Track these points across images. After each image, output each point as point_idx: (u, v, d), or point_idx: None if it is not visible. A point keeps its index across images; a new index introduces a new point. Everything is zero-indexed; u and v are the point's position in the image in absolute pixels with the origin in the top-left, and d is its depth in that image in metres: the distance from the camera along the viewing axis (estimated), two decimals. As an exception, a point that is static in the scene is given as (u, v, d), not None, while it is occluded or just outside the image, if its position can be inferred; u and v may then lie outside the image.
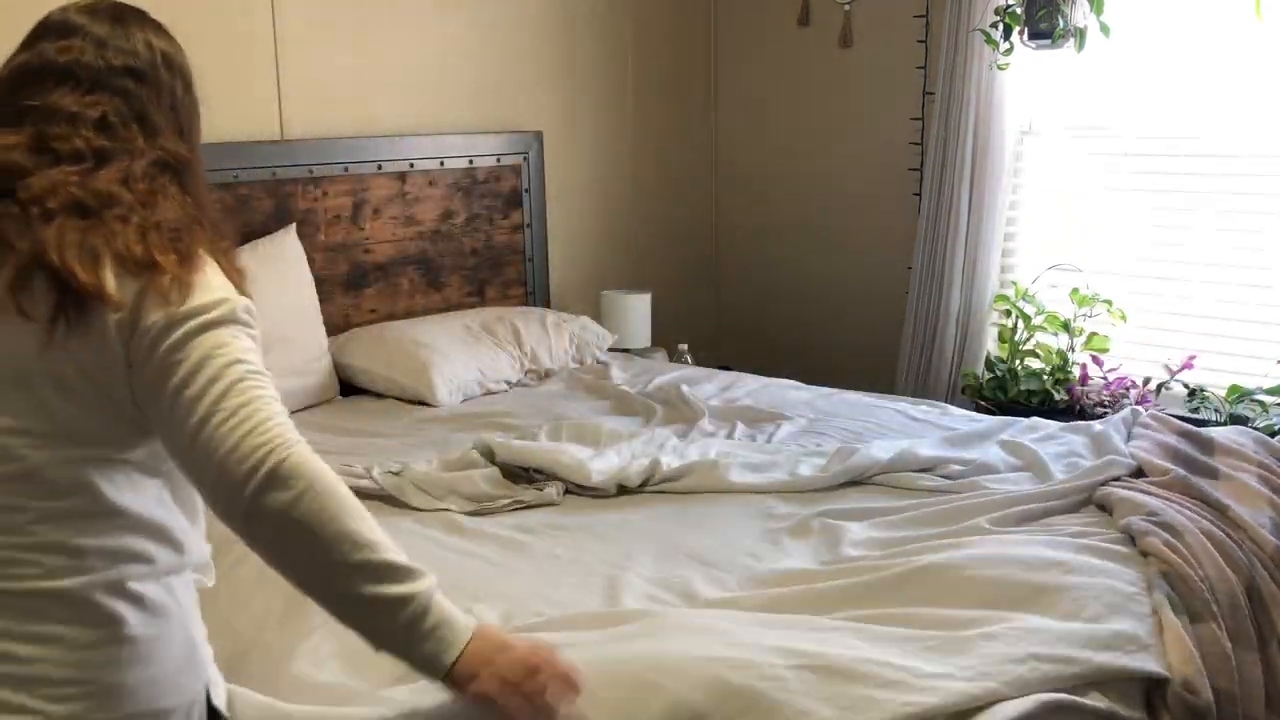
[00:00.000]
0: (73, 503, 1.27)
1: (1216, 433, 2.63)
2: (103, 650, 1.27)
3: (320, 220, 3.47)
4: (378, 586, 1.24)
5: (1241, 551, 2.11)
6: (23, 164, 1.28)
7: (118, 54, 1.37)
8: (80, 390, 1.26)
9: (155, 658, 1.30)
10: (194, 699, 1.36)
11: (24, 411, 1.26)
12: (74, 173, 1.28)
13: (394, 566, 1.25)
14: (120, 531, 1.29)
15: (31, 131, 1.30)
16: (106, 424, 1.28)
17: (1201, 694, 1.73)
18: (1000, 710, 1.58)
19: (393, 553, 1.26)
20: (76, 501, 1.27)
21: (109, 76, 1.36)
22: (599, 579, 2.06)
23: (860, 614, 1.90)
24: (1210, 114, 3.48)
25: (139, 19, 1.42)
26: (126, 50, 1.38)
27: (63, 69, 1.34)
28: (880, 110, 4.24)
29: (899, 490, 2.49)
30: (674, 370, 3.64)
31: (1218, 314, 3.55)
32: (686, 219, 4.72)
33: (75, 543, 1.26)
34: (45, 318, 1.23)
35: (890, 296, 4.25)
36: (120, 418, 1.28)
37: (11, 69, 1.37)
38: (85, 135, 1.31)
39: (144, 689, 1.29)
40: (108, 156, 1.31)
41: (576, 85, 4.22)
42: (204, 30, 3.20)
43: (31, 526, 1.26)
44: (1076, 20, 3.45)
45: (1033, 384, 3.70)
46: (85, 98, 1.33)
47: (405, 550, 1.42)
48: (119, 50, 1.38)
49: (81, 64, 1.35)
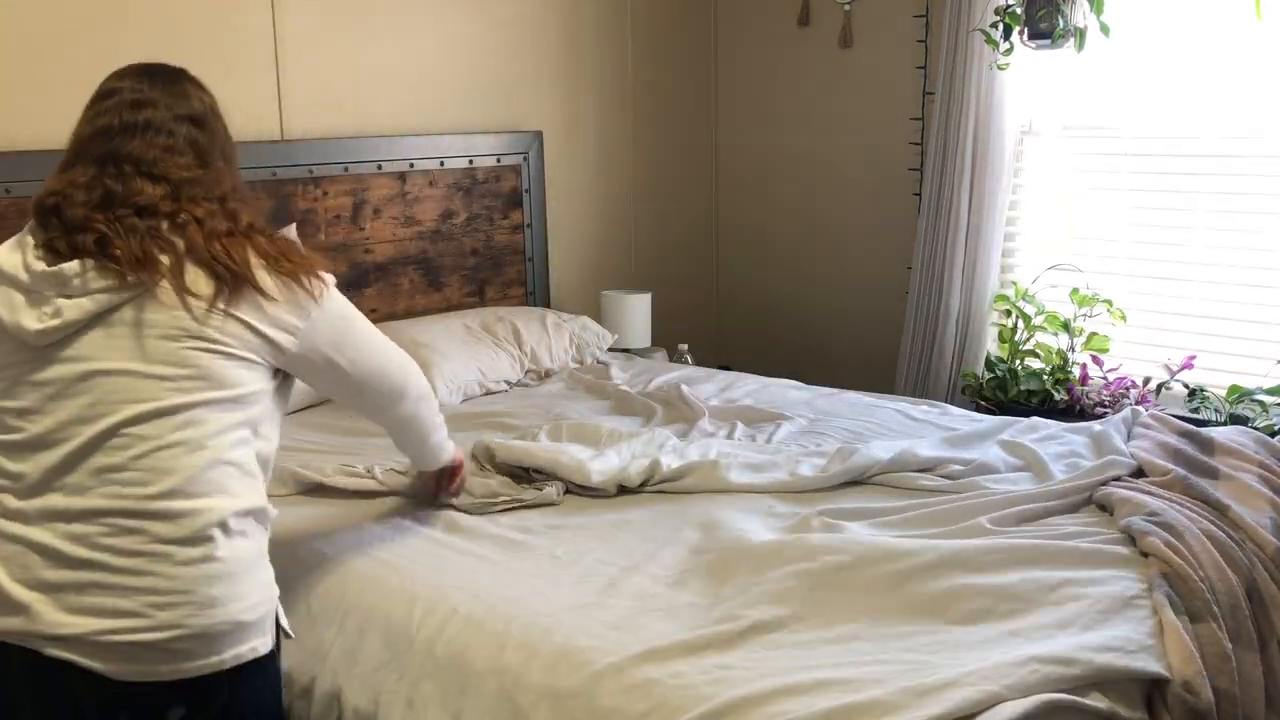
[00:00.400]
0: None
1: (1216, 433, 2.63)
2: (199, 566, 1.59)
3: (320, 220, 3.47)
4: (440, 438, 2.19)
5: (1242, 552, 2.11)
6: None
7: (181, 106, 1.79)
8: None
9: (239, 577, 1.62)
10: (268, 614, 1.68)
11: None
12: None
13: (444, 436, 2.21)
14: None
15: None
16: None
17: (1202, 694, 1.73)
18: (1001, 710, 1.58)
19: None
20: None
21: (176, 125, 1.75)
22: (599, 579, 2.06)
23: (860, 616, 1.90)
24: (1210, 114, 3.48)
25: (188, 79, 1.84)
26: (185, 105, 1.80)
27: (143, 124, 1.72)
28: (880, 110, 4.24)
29: (899, 490, 2.49)
30: (674, 370, 3.65)
31: (1217, 314, 3.55)
32: (686, 219, 4.72)
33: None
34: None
35: (890, 296, 4.25)
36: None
37: (96, 129, 1.72)
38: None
39: (231, 603, 1.61)
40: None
41: (576, 85, 4.22)
42: (204, 30, 3.21)
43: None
44: (1076, 20, 3.45)
45: (1033, 384, 3.71)
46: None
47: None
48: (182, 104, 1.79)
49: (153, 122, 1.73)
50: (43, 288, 1.61)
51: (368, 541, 2.25)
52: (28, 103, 2.93)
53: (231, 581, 1.61)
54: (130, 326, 1.61)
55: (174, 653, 1.56)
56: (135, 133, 1.69)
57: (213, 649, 1.59)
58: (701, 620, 1.88)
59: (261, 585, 1.67)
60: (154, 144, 1.69)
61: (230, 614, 1.60)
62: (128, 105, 1.72)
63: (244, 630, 1.62)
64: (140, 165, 1.67)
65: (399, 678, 1.92)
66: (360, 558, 2.18)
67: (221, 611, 1.59)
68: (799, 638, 1.82)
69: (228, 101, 3.26)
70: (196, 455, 1.60)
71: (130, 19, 3.07)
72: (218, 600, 1.59)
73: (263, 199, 3.32)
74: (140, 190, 1.65)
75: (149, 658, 1.56)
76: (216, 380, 1.63)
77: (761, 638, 1.82)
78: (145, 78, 1.76)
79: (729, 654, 1.77)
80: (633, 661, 1.75)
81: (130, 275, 1.60)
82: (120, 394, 1.59)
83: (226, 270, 1.64)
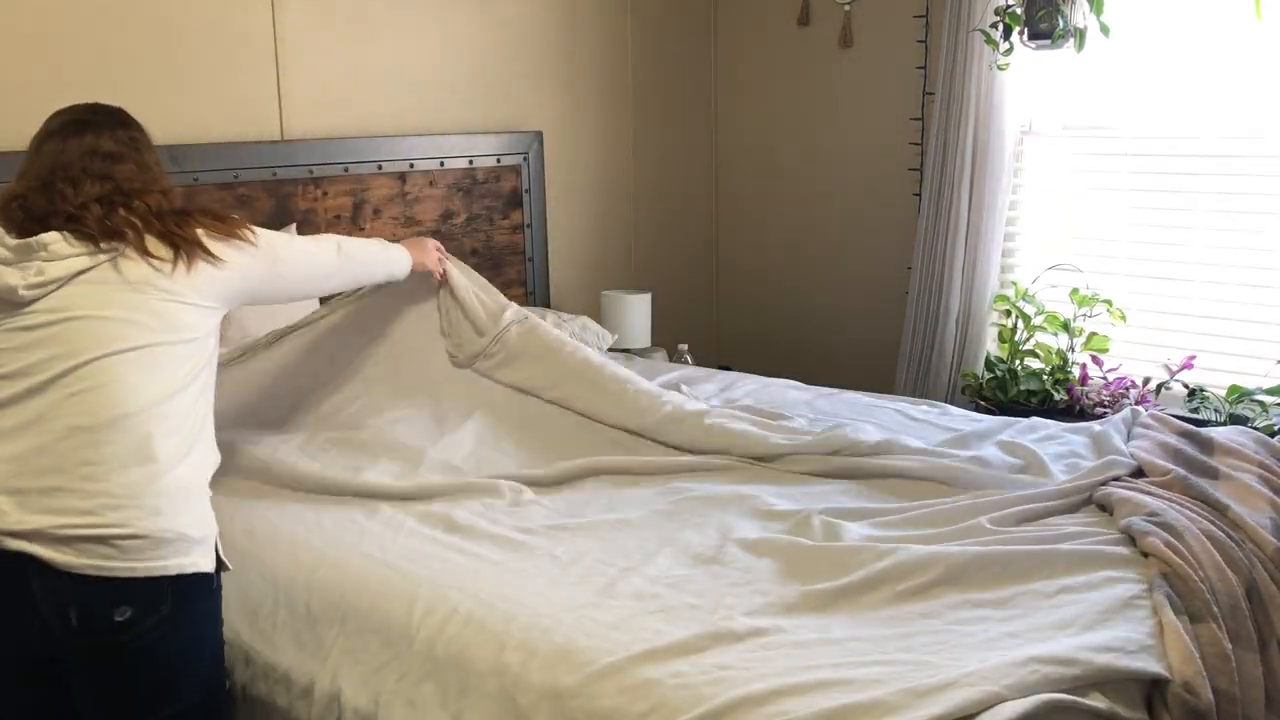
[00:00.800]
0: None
1: (1216, 433, 2.63)
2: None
3: (320, 220, 3.47)
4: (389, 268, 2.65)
5: (1242, 552, 2.11)
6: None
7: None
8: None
9: (183, 496, 1.88)
10: (209, 535, 1.92)
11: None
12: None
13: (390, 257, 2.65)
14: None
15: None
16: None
17: (1201, 694, 1.73)
18: (1001, 710, 1.58)
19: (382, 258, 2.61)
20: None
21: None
22: (599, 579, 2.06)
23: (859, 617, 1.90)
24: (1210, 114, 3.48)
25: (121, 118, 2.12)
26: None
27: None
28: (880, 110, 4.24)
29: (898, 489, 2.49)
30: (674, 370, 3.64)
31: (1217, 314, 3.55)
32: (686, 219, 4.72)
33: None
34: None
35: (890, 296, 4.25)
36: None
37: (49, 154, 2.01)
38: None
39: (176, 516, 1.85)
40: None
41: (576, 85, 4.23)
42: (204, 30, 3.21)
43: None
44: (1076, 20, 3.45)
45: (1033, 384, 3.71)
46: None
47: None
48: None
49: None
50: (24, 255, 1.88)
51: (368, 541, 2.25)
52: (27, 103, 2.92)
53: (176, 498, 1.86)
54: (103, 284, 1.90)
55: (123, 550, 1.79)
56: (80, 146, 1.99)
57: (158, 552, 1.81)
58: (701, 620, 1.88)
59: (204, 512, 1.92)
60: (98, 152, 1.99)
61: (175, 525, 1.83)
62: (72, 127, 2.03)
63: (187, 543, 1.85)
64: (87, 171, 1.97)
65: (399, 678, 1.93)
66: (360, 558, 2.18)
67: (166, 520, 1.83)
68: (799, 638, 1.82)
69: (228, 101, 3.30)
70: (157, 386, 1.88)
71: (130, 19, 3.07)
72: (163, 510, 1.83)
73: (263, 199, 3.32)
74: (89, 190, 1.95)
75: (100, 552, 1.78)
76: (174, 325, 1.93)
77: (761, 638, 1.82)
78: (86, 110, 2.08)
79: (729, 654, 1.77)
80: (633, 661, 1.75)
81: (103, 242, 1.90)
82: (94, 335, 1.87)
83: (180, 239, 1.96)
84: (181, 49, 3.17)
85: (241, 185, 3.28)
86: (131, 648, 1.82)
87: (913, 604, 1.94)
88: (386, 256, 2.63)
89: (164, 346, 1.91)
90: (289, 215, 3.38)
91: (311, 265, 2.32)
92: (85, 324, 1.87)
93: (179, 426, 1.91)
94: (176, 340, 1.93)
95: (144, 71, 3.12)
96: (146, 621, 1.81)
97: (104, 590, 1.78)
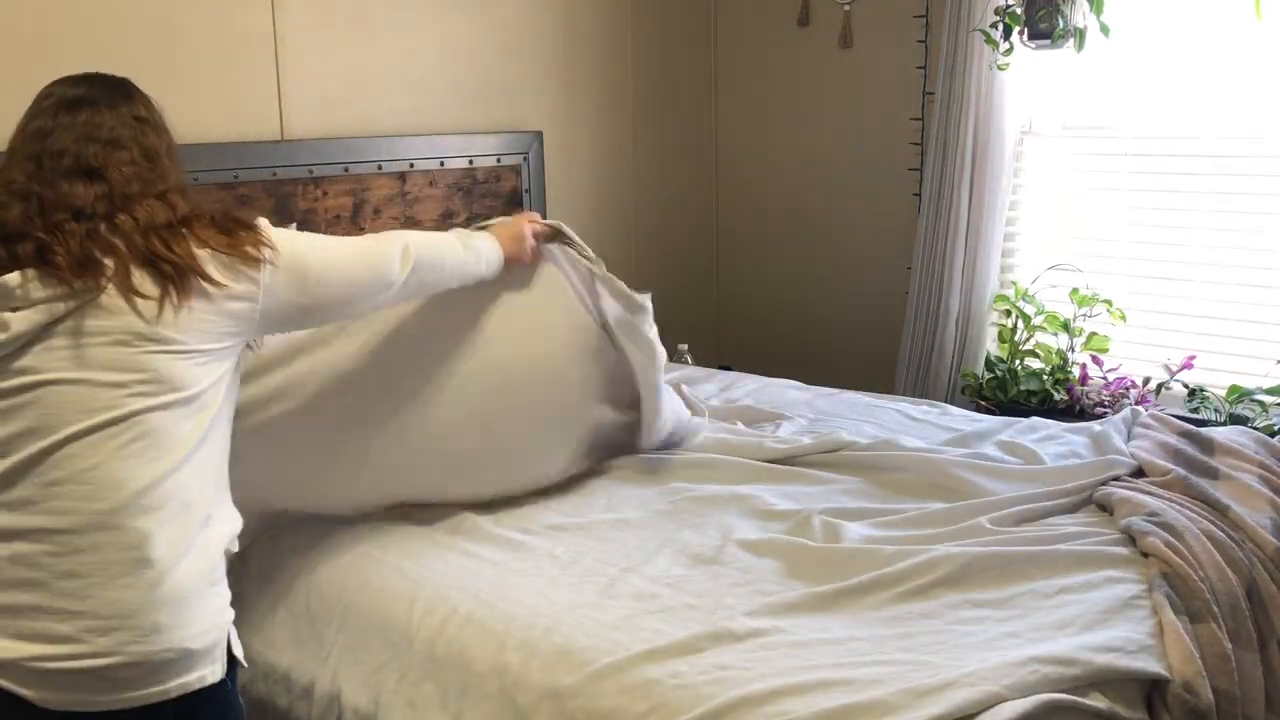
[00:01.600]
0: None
1: (1216, 433, 2.63)
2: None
3: (320, 220, 3.47)
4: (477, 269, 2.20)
5: (1242, 552, 2.11)
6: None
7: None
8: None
9: (188, 601, 1.57)
10: (218, 641, 1.61)
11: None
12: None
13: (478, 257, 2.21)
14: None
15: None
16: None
17: (1201, 694, 1.73)
18: (1001, 710, 1.58)
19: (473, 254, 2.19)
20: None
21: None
22: (599, 579, 2.06)
23: (859, 617, 1.90)
24: (1210, 114, 3.48)
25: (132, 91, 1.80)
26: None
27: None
28: (880, 110, 4.24)
29: (898, 486, 2.49)
30: (674, 370, 3.64)
31: (1217, 314, 3.55)
32: (686, 219, 4.72)
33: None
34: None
35: (890, 296, 4.25)
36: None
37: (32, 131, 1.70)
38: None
39: (177, 629, 1.55)
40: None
41: (576, 85, 4.22)
42: (204, 30, 3.21)
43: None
44: (1076, 20, 3.45)
45: (1033, 384, 3.70)
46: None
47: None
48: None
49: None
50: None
51: (368, 541, 2.25)
52: (28, 103, 2.92)
53: (179, 606, 1.55)
54: (79, 335, 1.56)
55: (113, 681, 1.51)
56: (72, 130, 1.67)
57: (155, 678, 1.53)
58: (701, 620, 1.88)
59: (213, 610, 1.61)
60: (95, 138, 1.67)
61: (175, 641, 1.54)
62: (65, 105, 1.70)
63: (191, 658, 1.56)
64: (79, 161, 1.64)
65: (399, 678, 1.93)
66: (360, 558, 2.18)
67: (165, 638, 1.53)
68: (799, 638, 1.82)
69: (228, 101, 3.29)
70: (152, 465, 1.55)
71: (130, 19, 3.07)
72: (162, 626, 1.53)
73: (263, 199, 3.32)
74: (73, 192, 1.61)
75: (85, 686, 1.50)
76: (170, 382, 1.58)
77: (761, 638, 1.82)
78: (84, 81, 1.76)
79: (729, 654, 1.77)
80: (633, 661, 1.75)
81: (76, 282, 1.55)
82: (72, 404, 1.54)
83: (170, 266, 1.59)
84: (181, 49, 3.17)
85: (241, 185, 3.28)
86: None
87: (913, 604, 1.94)
88: (470, 259, 2.16)
89: (159, 412, 1.57)
90: (289, 215, 3.38)
91: (354, 280, 1.85)
92: (59, 391, 1.54)
93: (181, 510, 1.58)
94: (174, 401, 1.59)
95: (144, 71, 3.08)
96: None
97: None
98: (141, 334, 1.57)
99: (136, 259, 1.59)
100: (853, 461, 2.60)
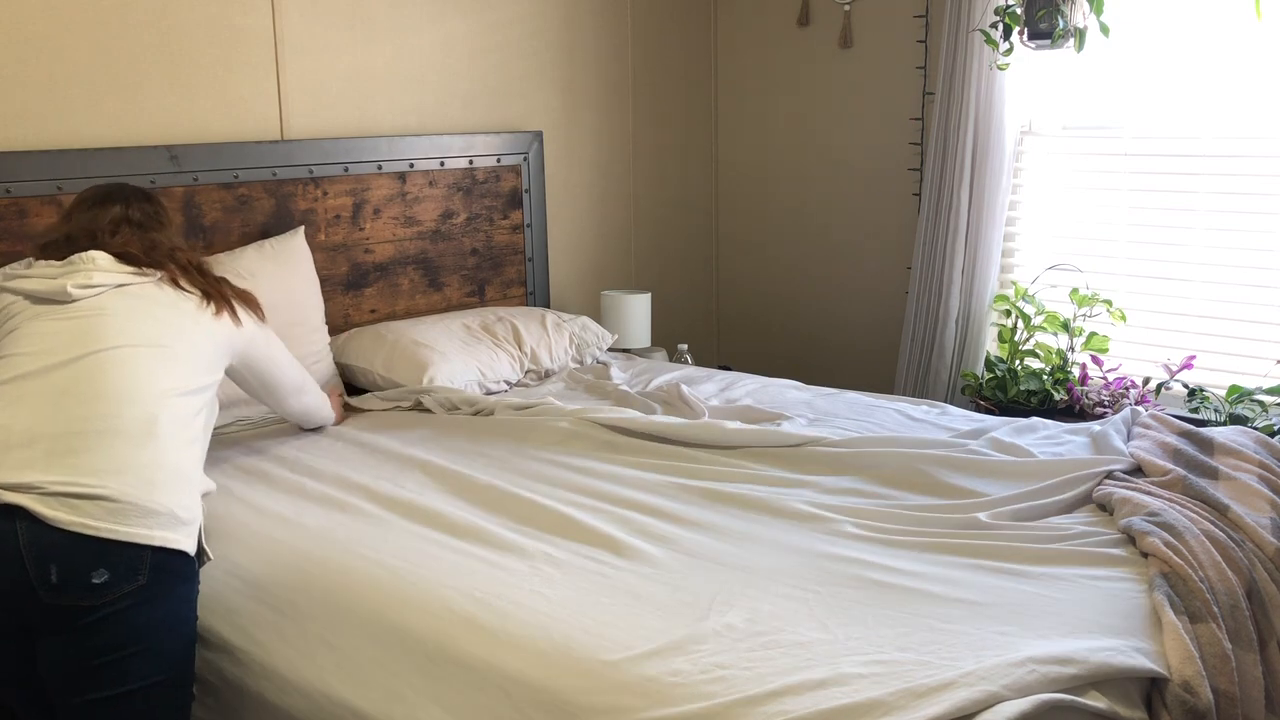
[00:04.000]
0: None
1: (1216, 433, 2.62)
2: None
3: (320, 220, 3.47)
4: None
5: (1242, 552, 2.11)
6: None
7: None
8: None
9: (181, 479, 2.03)
10: (196, 521, 2.04)
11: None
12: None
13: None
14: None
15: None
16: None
17: (1201, 694, 1.73)
18: (1000, 710, 1.58)
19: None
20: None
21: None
22: (597, 578, 2.06)
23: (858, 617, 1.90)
24: (1210, 114, 3.48)
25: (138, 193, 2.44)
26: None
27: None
28: (880, 110, 4.24)
29: (898, 483, 2.49)
30: (674, 370, 3.64)
31: (1217, 314, 3.55)
32: (686, 219, 4.72)
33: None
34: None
35: (890, 296, 4.25)
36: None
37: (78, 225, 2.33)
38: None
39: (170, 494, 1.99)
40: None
41: (576, 85, 4.23)
42: (204, 30, 3.21)
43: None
44: (1076, 20, 3.45)
45: (1033, 384, 3.71)
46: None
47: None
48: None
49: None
50: (71, 269, 2.16)
51: (364, 541, 2.25)
52: (28, 103, 2.93)
53: (172, 476, 1.98)
54: (141, 298, 2.18)
55: (111, 512, 1.88)
56: (110, 219, 2.29)
57: (144, 520, 1.90)
58: (700, 620, 1.88)
59: (194, 500, 2.04)
60: (128, 220, 2.30)
61: (166, 501, 1.94)
62: (100, 199, 2.34)
63: (174, 521, 1.94)
64: (118, 234, 2.27)
65: (394, 676, 1.92)
66: (357, 558, 2.18)
67: (159, 493, 1.94)
68: (799, 638, 1.82)
69: (228, 101, 3.29)
70: (166, 380, 2.08)
71: (130, 19, 3.07)
72: (157, 484, 1.95)
73: (263, 199, 3.32)
74: (117, 240, 2.26)
75: (89, 510, 1.87)
76: (193, 347, 2.18)
77: (761, 637, 1.82)
78: (114, 186, 2.40)
79: (728, 653, 1.77)
80: (632, 661, 1.75)
81: (146, 267, 2.21)
82: (120, 330, 2.10)
83: (212, 289, 2.28)
84: (181, 49, 3.18)
85: (241, 185, 3.28)
86: (103, 613, 1.87)
87: (912, 604, 1.93)
88: (323, 413, 2.92)
89: (181, 359, 2.15)
90: (289, 215, 3.38)
91: (285, 371, 2.59)
92: (115, 321, 2.12)
93: (184, 424, 2.08)
94: (192, 363, 2.17)
95: (144, 71, 3.12)
96: (121, 588, 1.87)
97: (86, 549, 1.86)
98: (186, 311, 2.22)
99: (186, 276, 2.26)
100: (831, 457, 2.61)
